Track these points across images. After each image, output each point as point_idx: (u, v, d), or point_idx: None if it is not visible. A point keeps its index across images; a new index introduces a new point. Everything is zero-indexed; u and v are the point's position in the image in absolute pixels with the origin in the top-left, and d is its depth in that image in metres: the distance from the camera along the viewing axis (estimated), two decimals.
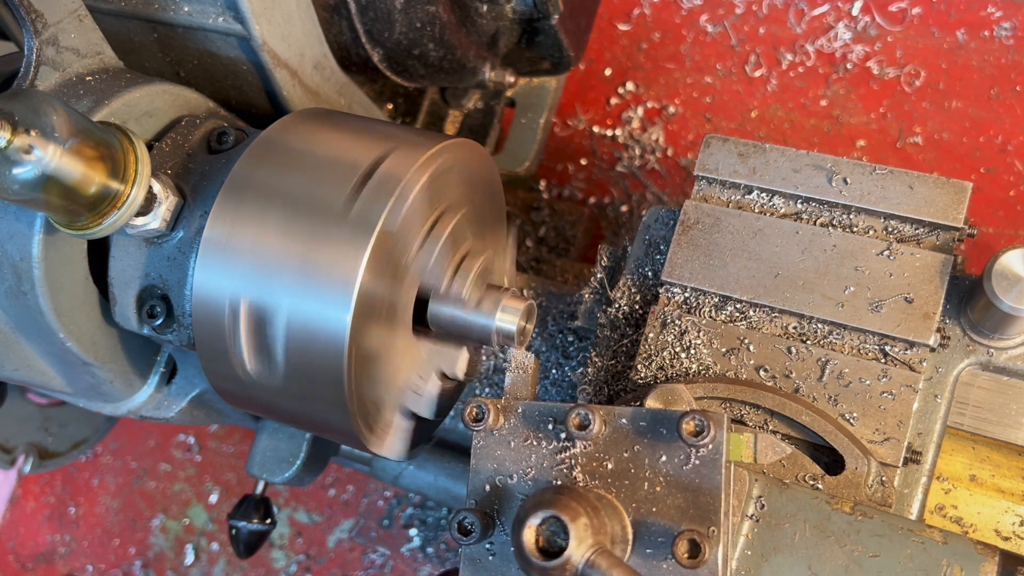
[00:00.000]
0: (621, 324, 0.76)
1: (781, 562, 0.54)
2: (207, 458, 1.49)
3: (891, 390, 0.65)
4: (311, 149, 0.65)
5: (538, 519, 0.49)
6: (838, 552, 0.53)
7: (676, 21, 1.39)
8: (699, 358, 0.70)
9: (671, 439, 0.53)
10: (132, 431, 1.52)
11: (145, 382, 0.80)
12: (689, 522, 0.51)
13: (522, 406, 0.57)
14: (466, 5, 0.89)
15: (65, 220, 0.60)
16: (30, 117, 0.54)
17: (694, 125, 1.35)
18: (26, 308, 0.68)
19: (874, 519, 0.54)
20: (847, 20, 1.33)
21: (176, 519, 1.49)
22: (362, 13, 0.85)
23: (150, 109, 0.70)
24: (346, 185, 0.62)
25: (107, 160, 0.59)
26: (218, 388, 0.69)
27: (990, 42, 1.27)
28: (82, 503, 1.53)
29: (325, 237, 0.61)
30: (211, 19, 0.76)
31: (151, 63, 0.84)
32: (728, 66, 1.35)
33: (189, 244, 0.67)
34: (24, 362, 0.74)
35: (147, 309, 0.69)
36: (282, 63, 0.79)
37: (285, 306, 0.61)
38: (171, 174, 0.69)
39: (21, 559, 1.54)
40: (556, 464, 0.55)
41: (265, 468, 0.89)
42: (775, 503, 0.56)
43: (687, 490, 0.52)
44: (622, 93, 1.38)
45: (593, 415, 0.54)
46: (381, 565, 1.36)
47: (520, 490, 0.56)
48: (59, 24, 0.66)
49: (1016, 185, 1.21)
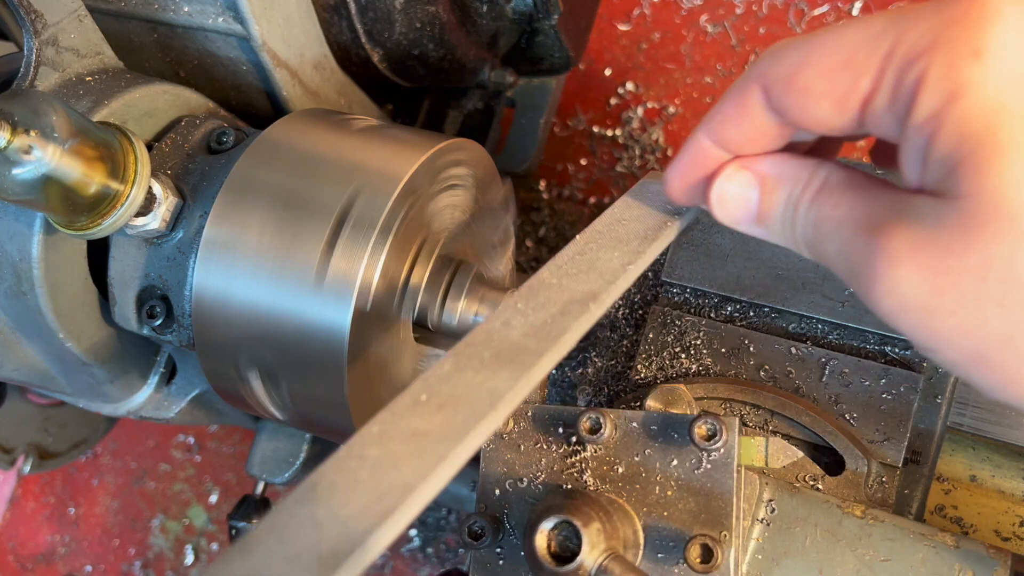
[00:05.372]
0: (621, 324, 0.76)
1: (792, 566, 0.54)
2: (207, 458, 1.49)
3: (891, 390, 0.65)
4: (311, 149, 0.65)
5: (550, 524, 0.48)
6: (849, 556, 0.53)
7: (676, 21, 1.39)
8: (699, 358, 0.70)
9: (682, 443, 0.52)
10: (132, 431, 1.52)
11: (145, 382, 0.80)
12: (701, 526, 0.51)
13: (532, 410, 0.57)
14: (466, 5, 0.89)
15: (65, 220, 0.60)
16: (30, 117, 0.54)
17: (694, 125, 1.34)
18: (26, 308, 0.68)
19: (885, 523, 0.54)
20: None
21: (176, 519, 1.49)
22: (362, 13, 0.85)
23: (150, 109, 0.70)
24: (345, 187, 0.62)
25: (107, 160, 0.59)
26: (217, 388, 0.69)
27: None
28: (82, 503, 1.53)
29: (327, 238, 0.61)
30: (211, 19, 0.75)
31: (151, 63, 0.83)
32: (728, 66, 1.35)
33: (189, 244, 0.67)
34: (24, 362, 0.74)
35: (147, 309, 0.69)
36: (282, 63, 0.79)
37: (285, 306, 0.61)
38: (171, 174, 0.69)
39: (21, 559, 1.53)
40: (566, 468, 0.55)
41: (265, 468, 0.89)
42: (786, 507, 0.55)
43: (699, 494, 0.52)
44: (622, 93, 1.38)
45: (604, 419, 0.54)
46: (381, 565, 1.36)
47: (530, 494, 0.55)
48: (59, 24, 0.66)
49: None
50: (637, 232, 0.49)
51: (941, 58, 0.35)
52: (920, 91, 0.36)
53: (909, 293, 0.38)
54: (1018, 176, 0.34)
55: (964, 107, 0.35)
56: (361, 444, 0.37)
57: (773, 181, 0.45)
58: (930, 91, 0.36)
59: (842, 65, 0.39)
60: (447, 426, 0.37)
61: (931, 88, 0.36)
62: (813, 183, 0.44)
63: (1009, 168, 0.34)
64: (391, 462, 0.36)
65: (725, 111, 0.45)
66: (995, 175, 0.34)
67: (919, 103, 0.36)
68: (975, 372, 0.39)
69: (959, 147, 0.35)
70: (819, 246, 0.43)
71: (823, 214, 0.43)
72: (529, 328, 0.43)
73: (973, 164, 0.35)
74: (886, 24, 0.38)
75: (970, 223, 0.35)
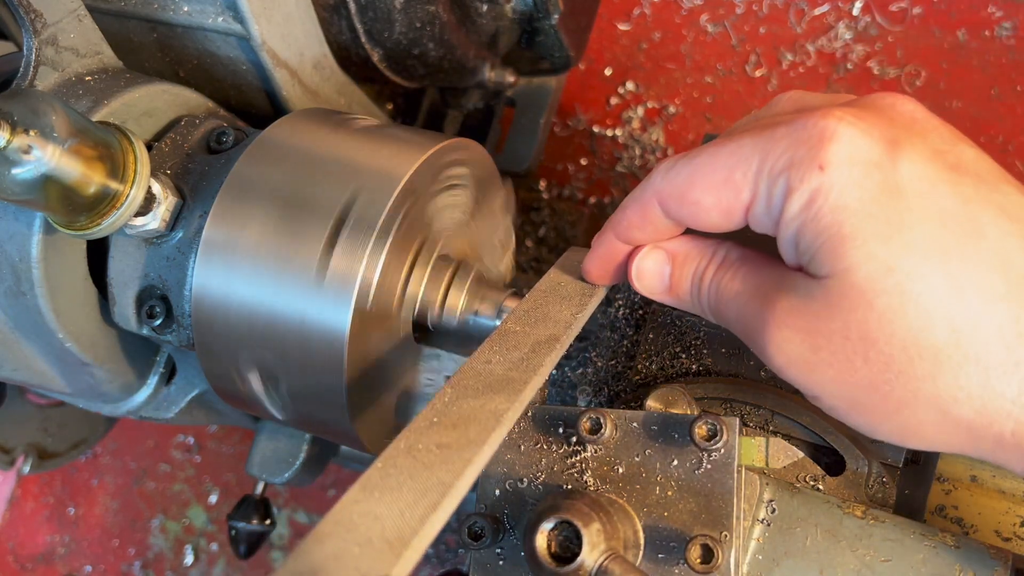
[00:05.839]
0: (621, 324, 0.76)
1: (793, 566, 0.54)
2: (206, 459, 1.49)
3: None
4: (311, 149, 0.65)
5: (551, 524, 0.48)
6: (850, 557, 0.53)
7: (676, 21, 1.38)
8: (699, 358, 0.70)
9: (683, 443, 0.52)
10: (132, 431, 1.52)
11: (144, 382, 0.80)
12: (701, 527, 0.51)
13: (532, 410, 0.57)
14: (466, 5, 0.89)
15: (64, 220, 0.60)
16: (29, 117, 0.54)
17: (694, 125, 1.35)
18: (25, 308, 0.67)
19: (886, 523, 0.54)
20: (848, 20, 1.32)
21: (175, 520, 1.48)
22: (362, 13, 0.85)
23: (149, 109, 0.70)
24: (345, 187, 0.62)
25: (106, 160, 0.59)
26: (217, 388, 0.69)
27: (991, 42, 1.27)
28: (81, 503, 1.53)
29: (327, 237, 0.61)
30: (211, 19, 0.75)
31: (151, 63, 0.83)
32: (728, 66, 1.35)
33: (188, 244, 0.67)
34: (23, 362, 0.74)
35: (146, 309, 0.69)
36: (282, 63, 0.79)
37: (285, 306, 0.61)
38: (170, 174, 0.69)
39: (21, 559, 1.53)
40: (567, 468, 0.55)
41: (265, 469, 0.88)
42: (786, 507, 0.55)
43: (699, 494, 0.52)
44: (622, 93, 1.38)
45: (604, 419, 0.54)
46: None
47: (530, 494, 0.55)
48: (58, 24, 0.66)
49: None
50: (576, 291, 0.60)
51: (796, 173, 0.45)
52: (786, 200, 0.46)
53: (793, 351, 0.47)
54: (860, 259, 0.43)
55: (816, 209, 0.45)
56: (394, 456, 0.44)
57: (682, 258, 0.55)
58: (792, 200, 0.45)
59: (723, 183, 0.48)
60: (464, 438, 0.45)
61: (793, 197, 0.45)
62: (715, 260, 0.53)
63: (854, 253, 0.44)
64: (425, 467, 0.43)
65: (630, 218, 0.54)
66: (843, 259, 0.44)
67: (786, 209, 0.46)
68: (854, 416, 0.48)
69: (816, 239, 0.45)
70: (721, 313, 0.53)
71: (723, 286, 0.52)
72: (510, 364, 0.52)
73: (828, 251, 0.44)
74: (753, 146, 0.47)
75: (831, 296, 0.45)
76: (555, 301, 0.60)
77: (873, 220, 0.43)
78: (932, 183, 0.44)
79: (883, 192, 0.44)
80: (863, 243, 0.43)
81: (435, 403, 0.48)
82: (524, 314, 0.58)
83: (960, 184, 0.44)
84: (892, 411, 0.46)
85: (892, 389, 0.45)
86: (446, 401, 0.48)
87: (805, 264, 0.47)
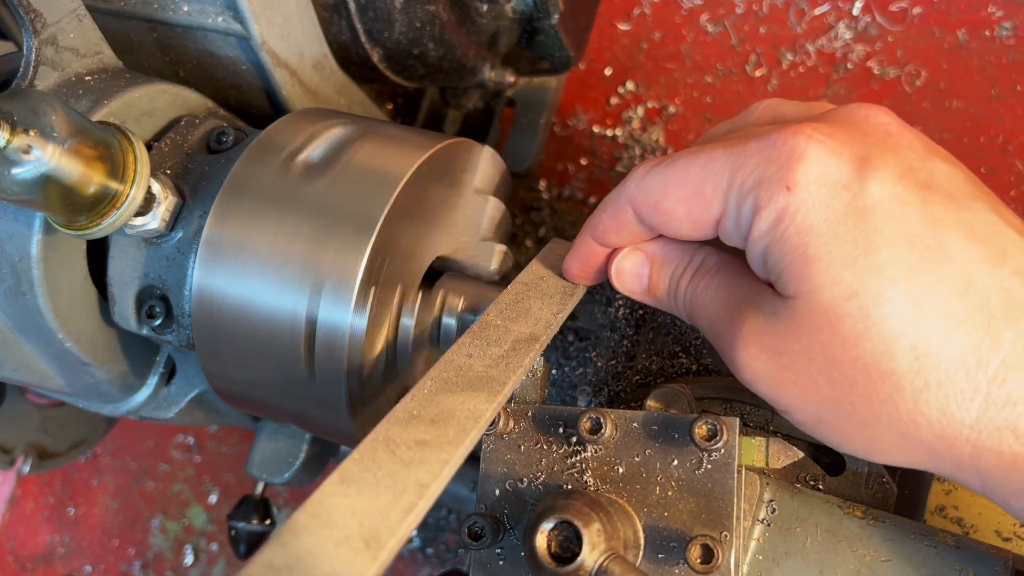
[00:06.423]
0: (621, 324, 0.76)
1: (793, 567, 0.54)
2: (206, 459, 1.49)
3: None
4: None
5: (551, 524, 0.48)
6: (850, 557, 0.53)
7: (676, 21, 1.38)
8: (699, 358, 0.70)
9: (683, 443, 0.52)
10: (131, 431, 1.52)
11: (144, 382, 0.80)
12: (701, 527, 0.51)
13: (532, 410, 0.57)
14: (466, 5, 0.89)
15: (64, 220, 0.60)
16: (29, 117, 0.54)
17: (694, 125, 1.35)
18: (25, 308, 0.67)
19: (886, 523, 0.54)
20: (848, 20, 1.32)
21: (175, 520, 1.48)
22: (362, 13, 0.85)
23: (149, 109, 0.70)
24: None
25: (106, 160, 0.59)
26: (217, 388, 0.69)
27: (991, 42, 1.27)
28: (81, 504, 1.53)
29: (325, 238, 0.61)
30: (210, 19, 0.75)
31: (151, 63, 0.83)
32: (728, 66, 1.35)
33: (188, 244, 0.67)
34: (23, 362, 0.74)
35: (146, 309, 0.69)
36: (281, 63, 0.79)
37: (285, 306, 0.61)
38: (170, 174, 0.69)
39: (20, 559, 1.53)
40: (567, 468, 0.55)
41: (265, 469, 0.88)
42: (786, 507, 0.55)
43: (699, 495, 0.51)
44: (622, 93, 1.38)
45: (604, 419, 0.54)
46: None
47: (530, 494, 0.55)
48: (58, 24, 0.66)
49: (1017, 185, 1.21)
50: (558, 288, 0.61)
51: (764, 191, 0.45)
52: (754, 217, 0.46)
53: (760, 368, 0.48)
54: (825, 282, 0.44)
55: (783, 229, 0.45)
56: (373, 449, 0.44)
57: (660, 261, 0.56)
58: (760, 218, 0.46)
59: (694, 195, 0.49)
60: (443, 437, 0.45)
61: (760, 216, 0.46)
62: (692, 265, 0.54)
63: (819, 275, 0.44)
64: (404, 465, 0.43)
65: (605, 223, 0.56)
66: (808, 281, 0.44)
67: (754, 226, 0.46)
68: (820, 431, 0.49)
69: (782, 259, 0.45)
70: (695, 318, 0.54)
71: (698, 293, 0.53)
72: (490, 360, 0.53)
73: (793, 272, 0.45)
74: (724, 160, 0.47)
75: (795, 316, 0.45)
76: (536, 297, 0.60)
77: (839, 242, 0.44)
78: (901, 203, 0.44)
79: (850, 213, 0.44)
80: (828, 265, 0.44)
81: (415, 393, 0.49)
82: (505, 307, 0.59)
83: (929, 204, 0.44)
84: (856, 430, 0.47)
85: (855, 409, 0.45)
86: (426, 393, 0.49)
87: (773, 281, 0.47)
